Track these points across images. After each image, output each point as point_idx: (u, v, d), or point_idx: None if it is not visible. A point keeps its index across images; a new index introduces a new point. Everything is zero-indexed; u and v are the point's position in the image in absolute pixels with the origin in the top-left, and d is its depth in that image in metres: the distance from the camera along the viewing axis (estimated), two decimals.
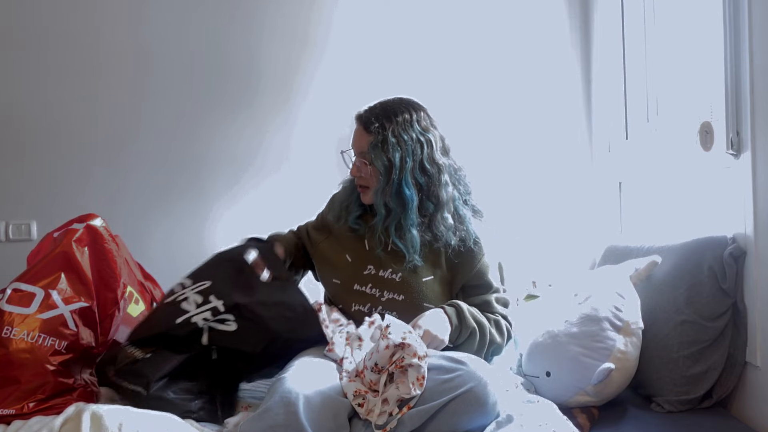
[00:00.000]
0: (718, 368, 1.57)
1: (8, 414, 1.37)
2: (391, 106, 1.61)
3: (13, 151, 2.31)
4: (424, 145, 1.57)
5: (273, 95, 2.41)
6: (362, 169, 1.61)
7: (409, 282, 1.59)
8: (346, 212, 1.68)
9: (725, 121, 1.62)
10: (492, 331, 1.59)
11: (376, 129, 1.57)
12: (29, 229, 2.31)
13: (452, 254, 1.60)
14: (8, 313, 1.45)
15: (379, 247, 1.60)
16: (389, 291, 1.59)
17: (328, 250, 1.70)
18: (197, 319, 1.44)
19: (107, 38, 2.36)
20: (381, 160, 1.55)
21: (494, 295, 1.63)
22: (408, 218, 1.55)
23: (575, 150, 2.51)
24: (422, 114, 1.61)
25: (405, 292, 1.59)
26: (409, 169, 1.55)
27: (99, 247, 1.60)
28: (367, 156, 1.58)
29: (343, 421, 1.29)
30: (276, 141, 2.41)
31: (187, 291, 1.50)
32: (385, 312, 1.57)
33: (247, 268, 1.53)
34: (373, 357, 1.36)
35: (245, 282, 1.50)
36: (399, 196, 1.55)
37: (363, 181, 1.62)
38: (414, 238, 1.56)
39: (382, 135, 1.56)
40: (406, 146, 1.55)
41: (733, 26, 1.61)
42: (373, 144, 1.56)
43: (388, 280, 1.60)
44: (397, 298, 1.59)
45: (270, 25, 2.41)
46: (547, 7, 2.50)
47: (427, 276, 1.60)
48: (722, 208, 1.72)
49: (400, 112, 1.59)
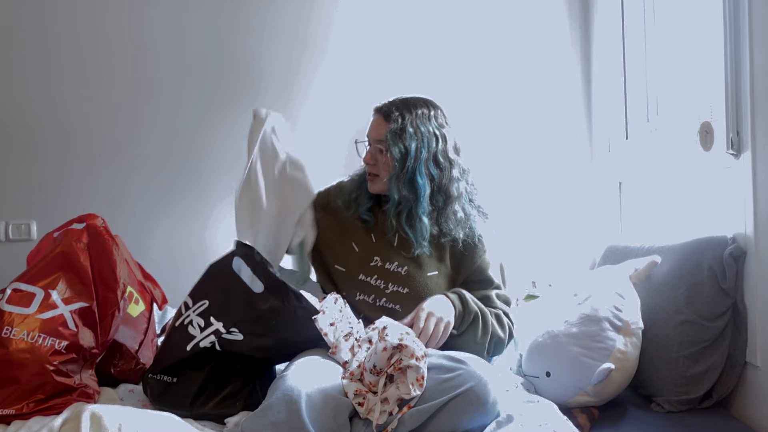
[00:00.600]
0: (718, 368, 1.57)
1: (8, 414, 1.37)
2: (411, 100, 1.68)
3: (14, 151, 2.32)
4: (439, 140, 1.62)
5: (274, 95, 2.41)
6: (377, 157, 1.65)
7: (414, 276, 1.61)
8: (356, 203, 1.71)
9: (725, 121, 1.62)
10: (494, 322, 1.60)
11: (396, 117, 1.63)
12: (29, 229, 2.31)
13: (456, 250, 1.64)
14: (8, 313, 1.45)
15: (390, 232, 1.64)
16: (394, 284, 1.61)
17: (330, 234, 1.72)
18: (204, 343, 1.44)
19: (108, 38, 2.36)
20: (398, 147, 1.59)
21: (495, 291, 1.65)
22: (420, 206, 1.60)
23: (575, 150, 2.51)
24: (439, 112, 1.68)
25: (410, 286, 1.61)
26: (424, 159, 1.60)
27: (99, 247, 1.60)
28: (384, 143, 1.62)
29: (344, 420, 1.29)
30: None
31: (191, 313, 1.50)
32: (389, 304, 1.59)
33: (239, 282, 1.52)
34: (372, 359, 1.36)
35: (240, 297, 1.49)
36: (412, 185, 1.60)
37: (374, 169, 1.66)
38: (425, 226, 1.60)
39: (401, 124, 1.61)
40: (423, 137, 1.60)
41: (733, 26, 1.61)
42: (392, 131, 1.61)
43: (393, 272, 1.62)
44: (402, 291, 1.61)
45: (271, 25, 2.41)
46: (548, 6, 2.50)
47: (432, 271, 1.63)
48: (722, 208, 1.72)
49: (419, 106, 1.65)
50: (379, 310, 1.60)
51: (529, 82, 2.48)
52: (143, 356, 1.69)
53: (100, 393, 1.52)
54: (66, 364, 1.45)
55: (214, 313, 1.48)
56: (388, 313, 1.58)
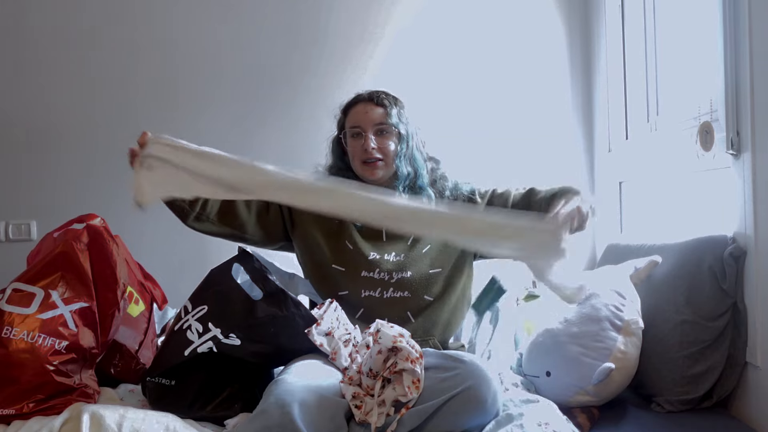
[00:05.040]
0: (718, 368, 1.57)
1: (8, 414, 1.37)
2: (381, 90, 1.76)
3: (14, 151, 2.32)
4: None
5: (275, 93, 2.41)
6: (380, 142, 1.67)
7: (412, 258, 1.65)
8: None
9: (725, 121, 1.62)
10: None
11: (390, 102, 1.70)
12: (29, 229, 2.31)
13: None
14: (8, 313, 1.45)
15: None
16: (397, 272, 1.63)
17: (317, 233, 1.69)
18: (202, 348, 1.44)
19: (108, 38, 2.36)
20: (404, 126, 1.68)
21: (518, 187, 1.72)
22: (422, 178, 1.70)
23: (576, 150, 2.51)
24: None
25: (412, 268, 1.64)
26: (413, 135, 1.70)
27: (99, 247, 1.60)
28: (386, 125, 1.67)
29: (341, 422, 1.29)
30: (277, 139, 2.41)
31: (189, 317, 1.50)
32: (397, 293, 1.60)
33: (237, 289, 1.51)
34: (368, 362, 1.36)
35: (238, 304, 1.49)
36: (414, 160, 1.70)
37: (380, 152, 1.67)
38: (431, 196, 1.69)
39: (396, 107, 1.70)
40: (408, 120, 1.71)
41: (732, 26, 1.60)
42: (392, 114, 1.68)
43: (393, 261, 1.65)
44: (406, 276, 1.63)
45: (272, 23, 2.42)
46: (548, 6, 2.50)
47: (425, 247, 1.67)
48: (722, 208, 1.72)
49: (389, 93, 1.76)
50: (386, 303, 1.61)
51: (530, 82, 2.48)
52: (143, 356, 1.69)
53: (100, 393, 1.52)
54: (66, 364, 1.45)
55: (212, 319, 1.48)
56: (397, 303, 1.60)
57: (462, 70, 2.45)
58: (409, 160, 1.69)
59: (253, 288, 1.52)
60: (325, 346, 1.44)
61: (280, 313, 1.46)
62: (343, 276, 1.65)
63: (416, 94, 1.89)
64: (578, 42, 2.51)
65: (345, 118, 1.73)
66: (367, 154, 1.66)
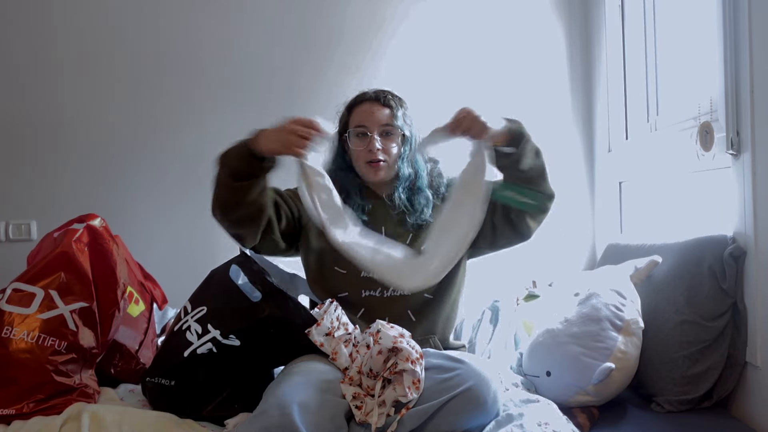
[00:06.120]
0: (718, 368, 1.57)
1: (8, 414, 1.37)
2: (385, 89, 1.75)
3: (14, 150, 2.32)
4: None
5: (279, 97, 2.41)
6: (385, 143, 1.66)
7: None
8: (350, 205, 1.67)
9: (725, 121, 1.62)
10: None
11: (396, 103, 1.69)
12: (29, 229, 2.31)
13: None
14: (8, 313, 1.45)
15: (400, 207, 1.67)
16: None
17: (321, 237, 1.63)
18: (202, 350, 1.44)
19: (108, 38, 2.36)
20: (409, 128, 1.68)
21: None
22: (422, 179, 1.70)
23: (575, 150, 2.51)
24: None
25: None
26: (416, 137, 1.69)
27: (99, 247, 1.60)
28: (392, 127, 1.66)
29: (341, 422, 1.29)
30: None
31: (189, 318, 1.50)
32: (397, 291, 1.59)
33: (238, 292, 1.52)
34: (368, 363, 1.36)
35: (237, 305, 1.49)
36: (416, 161, 1.71)
37: (384, 153, 1.66)
38: (429, 197, 1.69)
39: (401, 109, 1.69)
40: (411, 121, 1.71)
41: (732, 26, 1.60)
42: (398, 115, 1.67)
43: None
44: None
45: (280, 24, 2.42)
46: (548, 7, 2.50)
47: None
48: (722, 208, 1.72)
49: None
50: (387, 302, 1.60)
51: (530, 82, 2.48)
52: (143, 356, 1.69)
53: (100, 393, 1.53)
54: (66, 364, 1.45)
55: (211, 320, 1.48)
56: (397, 301, 1.59)
57: (462, 69, 2.45)
58: (411, 162, 1.70)
59: (253, 290, 1.52)
60: (325, 346, 1.44)
61: (280, 314, 1.46)
62: (343, 277, 1.65)
63: (417, 95, 1.88)
64: (578, 42, 2.51)
65: (349, 116, 1.70)
66: (372, 155, 1.65)
